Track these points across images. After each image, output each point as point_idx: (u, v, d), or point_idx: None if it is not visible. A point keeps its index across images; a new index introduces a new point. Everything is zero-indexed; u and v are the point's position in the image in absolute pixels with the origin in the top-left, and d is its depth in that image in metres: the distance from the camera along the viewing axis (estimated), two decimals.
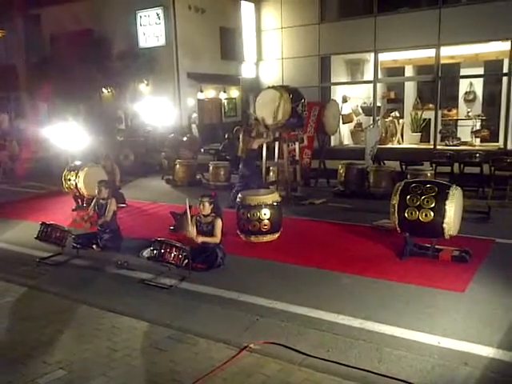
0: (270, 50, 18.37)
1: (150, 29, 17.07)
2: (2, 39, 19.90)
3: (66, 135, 10.01)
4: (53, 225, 6.53)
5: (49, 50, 19.26)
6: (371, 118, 16.35)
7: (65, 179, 8.99)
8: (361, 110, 17.17)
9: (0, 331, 4.41)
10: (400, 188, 5.91)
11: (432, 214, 5.59)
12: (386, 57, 16.39)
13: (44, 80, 17.38)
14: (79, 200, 9.02)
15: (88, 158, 10.39)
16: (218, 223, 5.87)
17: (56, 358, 3.87)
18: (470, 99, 15.58)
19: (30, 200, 10.53)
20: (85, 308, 4.84)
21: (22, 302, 5.12)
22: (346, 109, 16.32)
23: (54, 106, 19.02)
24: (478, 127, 15.01)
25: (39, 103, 20.03)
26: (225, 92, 18.92)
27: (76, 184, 8.70)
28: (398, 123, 16.14)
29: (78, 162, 9.27)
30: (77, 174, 8.69)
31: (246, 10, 18.39)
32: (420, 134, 16.04)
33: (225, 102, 19.20)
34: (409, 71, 16.85)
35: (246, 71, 18.69)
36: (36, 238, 6.56)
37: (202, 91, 17.85)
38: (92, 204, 7.05)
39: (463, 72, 15.74)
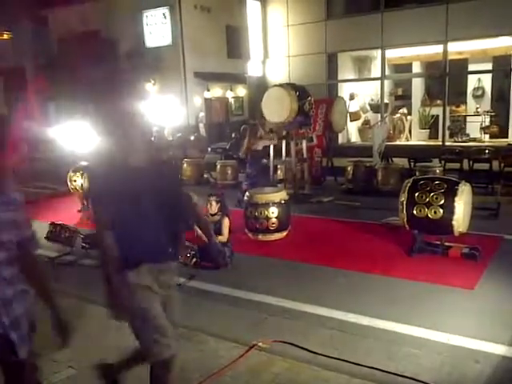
0: (276, 48, 18.33)
1: (157, 28, 17.12)
2: (10, 41, 20.04)
3: (73, 136, 10.05)
4: (62, 225, 6.57)
5: (56, 52, 19.38)
6: (379, 115, 16.27)
7: (70, 180, 9.00)
8: (368, 107, 17.09)
9: None
10: (408, 185, 5.87)
11: (441, 210, 5.55)
12: (394, 53, 16.30)
13: (52, 81, 17.48)
14: (84, 201, 9.03)
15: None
16: (226, 222, 5.88)
17: (66, 356, 3.88)
18: (479, 95, 15.45)
19: (38, 200, 10.58)
20: (94, 307, 4.85)
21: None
22: (353, 106, 16.22)
23: (61, 106, 19.13)
24: (486, 123, 14.87)
25: (47, 104, 20.16)
26: (231, 90, 18.91)
27: (82, 184, 8.72)
28: (406, 120, 16.04)
29: (83, 163, 9.29)
30: (82, 175, 8.71)
31: (252, 7, 18.36)
32: (428, 130, 15.93)
33: (232, 100, 19.20)
34: (416, 67, 16.74)
35: (253, 69, 18.67)
36: (45, 237, 6.59)
37: (208, 90, 17.86)
38: None
39: (471, 68, 15.61)
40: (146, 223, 2.56)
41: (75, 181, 8.90)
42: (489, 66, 15.30)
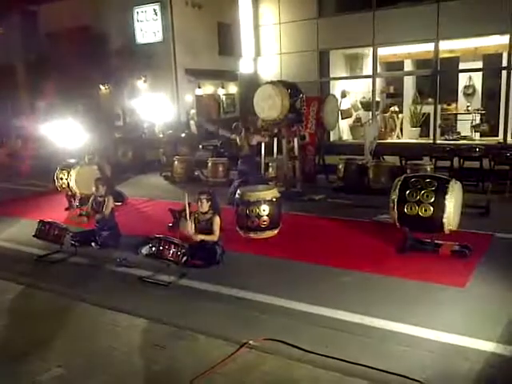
0: (268, 45, 18.29)
1: (147, 25, 17.01)
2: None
3: (64, 133, 9.97)
4: (51, 222, 6.51)
5: (46, 48, 19.20)
6: (370, 112, 16.30)
7: (57, 178, 8.91)
8: (360, 105, 17.12)
9: None
10: (399, 183, 5.88)
11: (431, 208, 5.57)
12: (385, 51, 16.32)
13: (42, 77, 17.32)
14: (72, 199, 8.94)
15: (84, 155, 10.32)
16: (216, 220, 5.85)
17: (55, 356, 3.85)
18: (470, 93, 15.53)
19: (28, 198, 10.51)
20: (84, 306, 4.82)
21: (20, 300, 5.10)
22: (344, 104, 16.26)
23: (51, 103, 18.97)
24: (477, 121, 14.96)
25: (37, 101, 19.97)
26: (223, 88, 18.85)
27: (68, 183, 8.63)
28: (398, 118, 16.09)
29: (71, 160, 9.20)
30: (68, 173, 8.63)
31: (244, 4, 18.28)
32: (419, 128, 15.99)
33: (223, 97, 19.14)
34: (408, 65, 16.79)
35: (244, 67, 18.61)
36: (34, 235, 6.54)
37: (200, 87, 17.79)
38: (90, 201, 7.04)
39: (462, 66, 15.68)
40: None
41: (62, 179, 8.80)
42: (479, 65, 15.37)
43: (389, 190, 6.11)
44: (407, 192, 5.74)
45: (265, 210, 6.73)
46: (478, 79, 15.43)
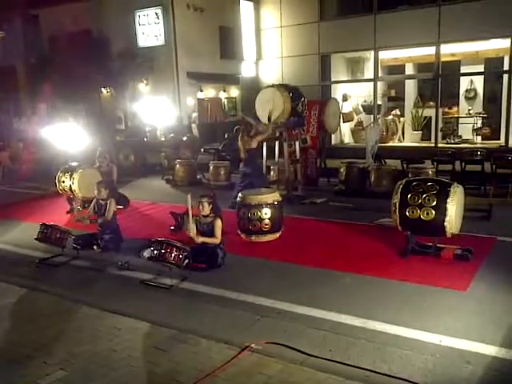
0: (269, 49, 18.33)
1: (149, 28, 17.08)
2: (0, 40, 19.88)
3: (65, 136, 9.99)
4: (53, 226, 6.51)
5: (48, 51, 19.27)
6: (372, 116, 16.31)
7: (58, 181, 8.88)
8: (361, 109, 17.14)
9: (0, 332, 4.39)
10: (401, 186, 5.88)
11: (433, 212, 5.56)
12: (387, 55, 16.35)
13: (43, 80, 17.38)
14: (73, 202, 8.92)
15: (87, 158, 10.33)
16: (218, 223, 5.85)
17: (57, 358, 3.85)
18: (471, 97, 15.54)
19: (29, 201, 10.52)
20: (85, 309, 4.82)
21: (22, 303, 5.11)
22: (346, 107, 16.30)
23: (53, 106, 19.01)
24: (479, 125, 14.97)
25: (39, 104, 20.02)
26: (225, 91, 18.91)
27: (70, 186, 8.61)
28: (399, 121, 16.11)
29: (73, 163, 9.20)
30: (71, 176, 8.61)
31: (246, 8, 18.36)
32: (421, 132, 16.00)
33: (225, 101, 19.19)
34: (409, 69, 16.81)
35: (246, 70, 18.66)
36: (36, 239, 6.54)
37: (201, 90, 17.84)
38: (91, 205, 7.05)
39: (464, 69, 15.70)
40: None
41: (63, 182, 8.79)
42: (481, 68, 15.39)
43: (390, 193, 6.11)
44: (409, 195, 5.74)
45: (266, 213, 6.74)
46: (479, 83, 15.45)
